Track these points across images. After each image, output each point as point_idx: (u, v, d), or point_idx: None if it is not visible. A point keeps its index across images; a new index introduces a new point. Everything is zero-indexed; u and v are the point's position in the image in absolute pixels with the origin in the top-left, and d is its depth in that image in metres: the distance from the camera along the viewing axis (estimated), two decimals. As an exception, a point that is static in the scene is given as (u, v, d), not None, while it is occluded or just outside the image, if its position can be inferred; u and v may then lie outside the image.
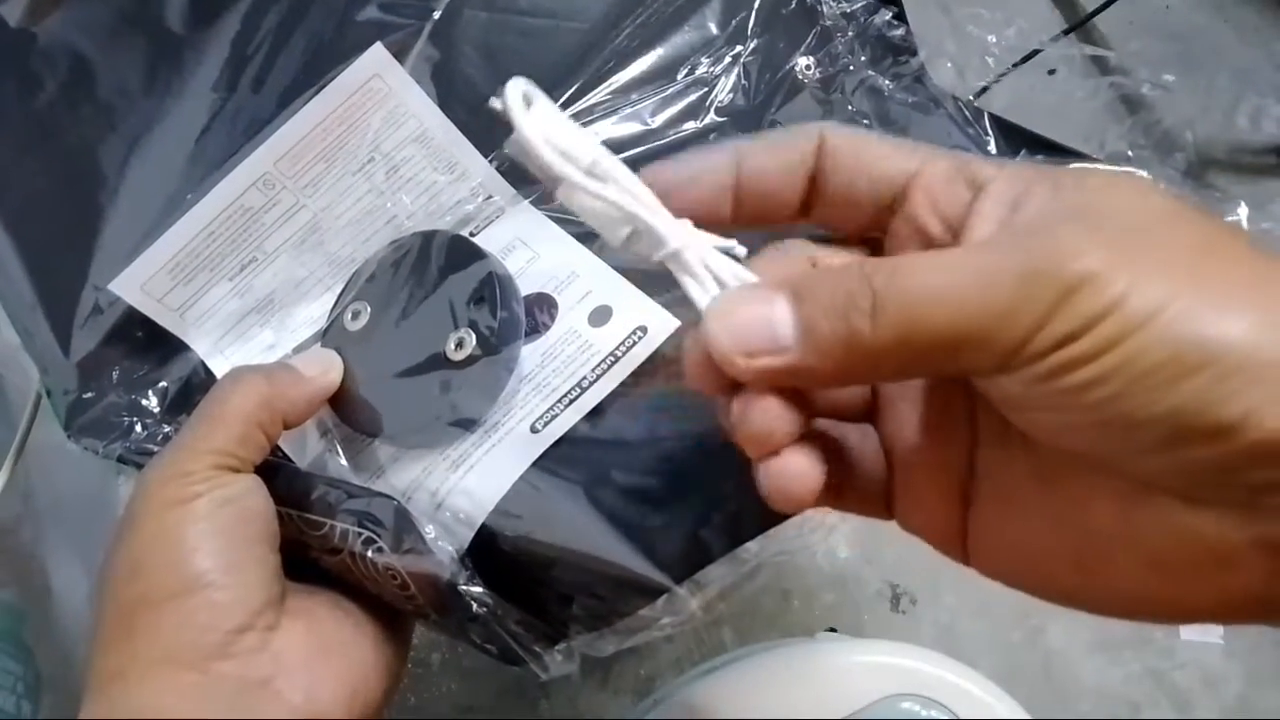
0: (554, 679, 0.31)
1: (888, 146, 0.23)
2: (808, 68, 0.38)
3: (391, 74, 0.35)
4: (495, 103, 0.22)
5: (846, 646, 0.49)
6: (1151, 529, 0.19)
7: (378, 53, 0.34)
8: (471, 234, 0.36)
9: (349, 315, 0.34)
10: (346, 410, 0.33)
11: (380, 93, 0.35)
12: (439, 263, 0.34)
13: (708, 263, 0.23)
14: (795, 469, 0.21)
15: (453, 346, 0.32)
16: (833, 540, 0.72)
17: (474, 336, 0.32)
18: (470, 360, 0.32)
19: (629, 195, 0.22)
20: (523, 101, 0.22)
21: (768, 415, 0.21)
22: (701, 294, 0.23)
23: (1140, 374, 0.17)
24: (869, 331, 0.19)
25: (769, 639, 0.54)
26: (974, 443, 0.23)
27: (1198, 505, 0.18)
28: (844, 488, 0.24)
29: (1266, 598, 0.18)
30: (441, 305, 0.33)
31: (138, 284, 0.34)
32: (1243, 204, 0.29)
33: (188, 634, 0.26)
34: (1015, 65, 0.39)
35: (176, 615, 0.26)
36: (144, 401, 0.35)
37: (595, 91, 0.37)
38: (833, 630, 0.68)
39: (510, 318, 0.32)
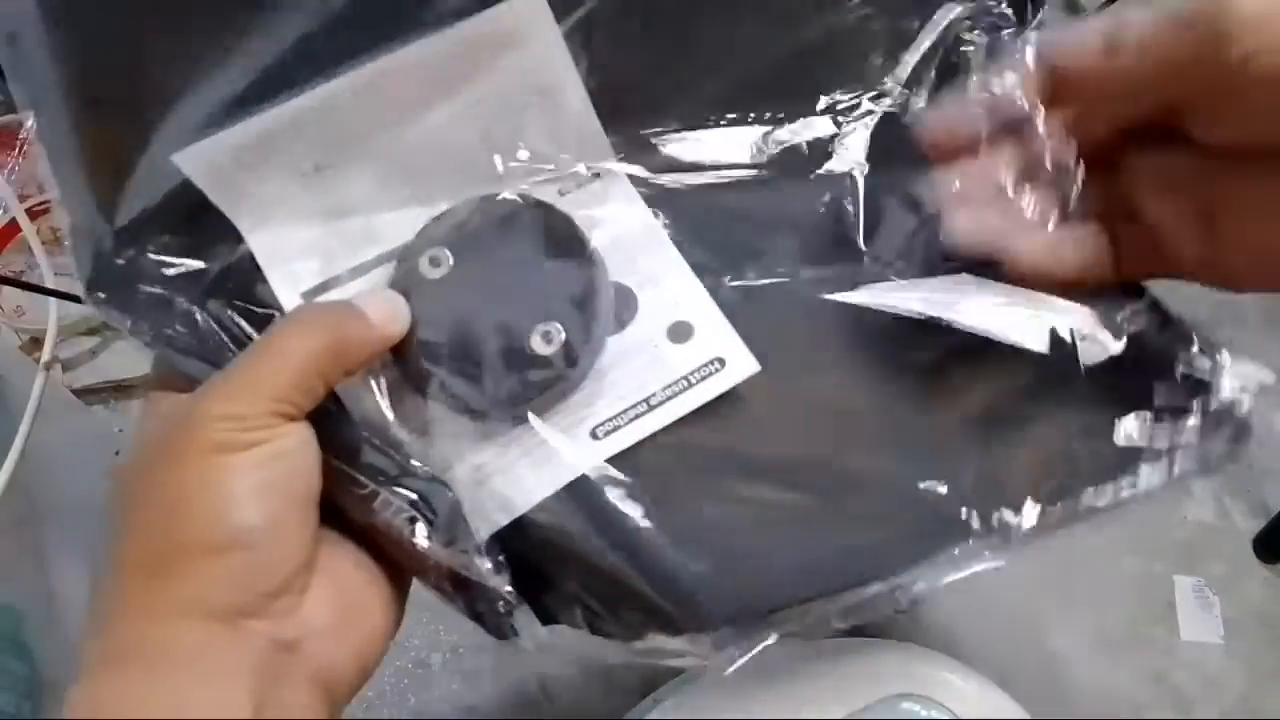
0: (555, 680, 0.30)
1: None
2: None
3: (542, 24, 0.32)
4: None
5: (847, 646, 0.49)
6: None
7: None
8: (561, 194, 0.34)
9: (427, 260, 0.32)
10: (403, 357, 0.31)
11: (525, 38, 0.32)
12: (542, 241, 0.32)
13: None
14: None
15: (538, 338, 0.30)
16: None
17: (563, 335, 0.30)
18: (550, 358, 0.30)
19: None
20: None
21: None
22: None
23: None
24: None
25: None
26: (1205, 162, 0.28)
27: None
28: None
29: None
30: (536, 288, 0.31)
31: (204, 159, 0.30)
32: None
33: (223, 589, 0.25)
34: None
35: (214, 569, 0.25)
36: (181, 281, 0.32)
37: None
38: (833, 630, 0.68)
39: (602, 331, 0.31)
